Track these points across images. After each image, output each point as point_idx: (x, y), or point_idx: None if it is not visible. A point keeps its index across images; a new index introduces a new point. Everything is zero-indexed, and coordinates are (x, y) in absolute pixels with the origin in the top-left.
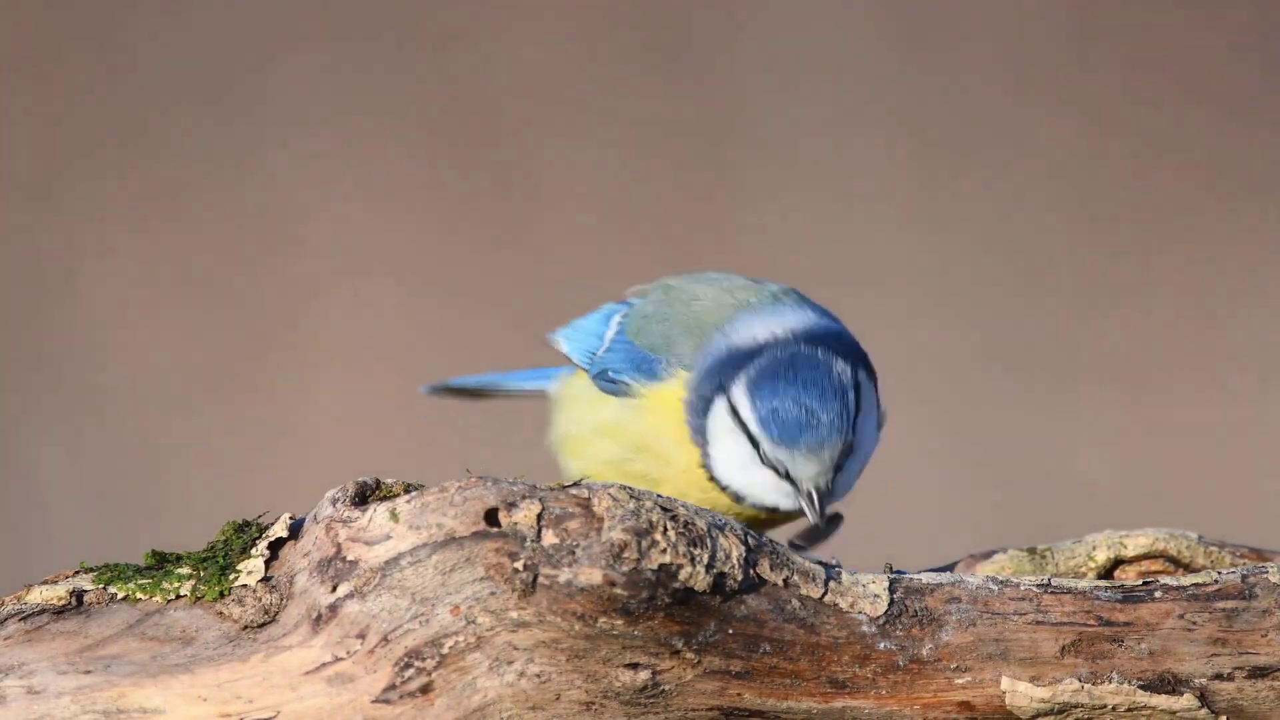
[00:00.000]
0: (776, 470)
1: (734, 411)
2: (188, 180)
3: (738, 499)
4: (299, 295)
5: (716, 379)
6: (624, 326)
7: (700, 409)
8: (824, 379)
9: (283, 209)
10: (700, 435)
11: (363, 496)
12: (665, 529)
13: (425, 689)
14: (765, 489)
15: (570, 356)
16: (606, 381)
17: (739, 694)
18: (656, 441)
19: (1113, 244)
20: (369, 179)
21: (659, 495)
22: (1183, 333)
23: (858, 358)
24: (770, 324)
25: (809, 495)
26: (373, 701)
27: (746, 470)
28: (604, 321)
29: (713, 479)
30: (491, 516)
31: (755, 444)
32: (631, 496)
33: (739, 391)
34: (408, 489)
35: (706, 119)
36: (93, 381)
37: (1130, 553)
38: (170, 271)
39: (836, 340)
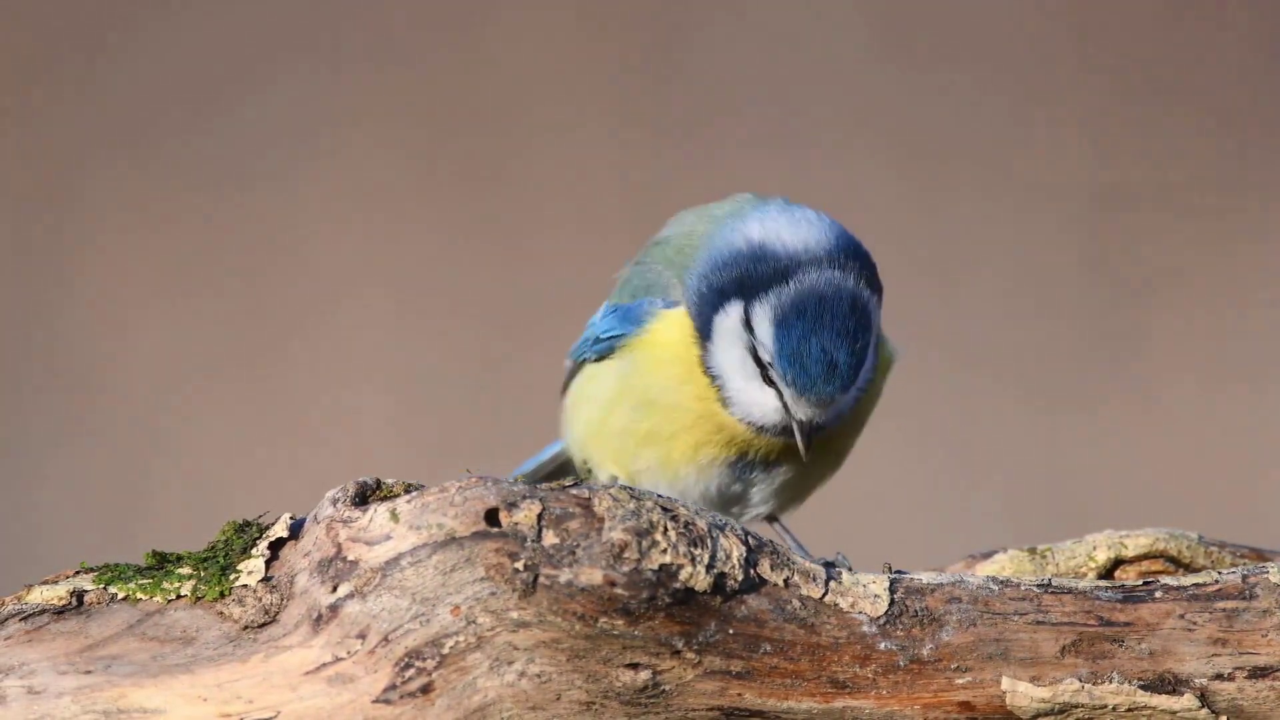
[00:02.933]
0: (778, 394)
1: (749, 326)
2: (186, 184)
3: (725, 403)
4: (298, 295)
5: (733, 277)
6: (612, 298)
7: (708, 307)
8: (848, 321)
9: (280, 211)
10: (705, 334)
11: (363, 496)
12: (666, 529)
13: (425, 689)
14: (760, 407)
15: (571, 360)
16: (601, 345)
17: (739, 694)
18: (658, 378)
19: (1112, 247)
20: (365, 180)
21: (659, 495)
22: (1182, 333)
23: (870, 272)
24: (788, 231)
25: (801, 427)
26: (373, 701)
27: (745, 381)
28: (597, 314)
29: (707, 372)
30: (492, 516)
31: (764, 368)
32: (632, 497)
33: (763, 314)
34: (408, 489)
35: (697, 121)
36: (93, 382)
37: (1130, 553)
38: (171, 274)
39: (857, 256)
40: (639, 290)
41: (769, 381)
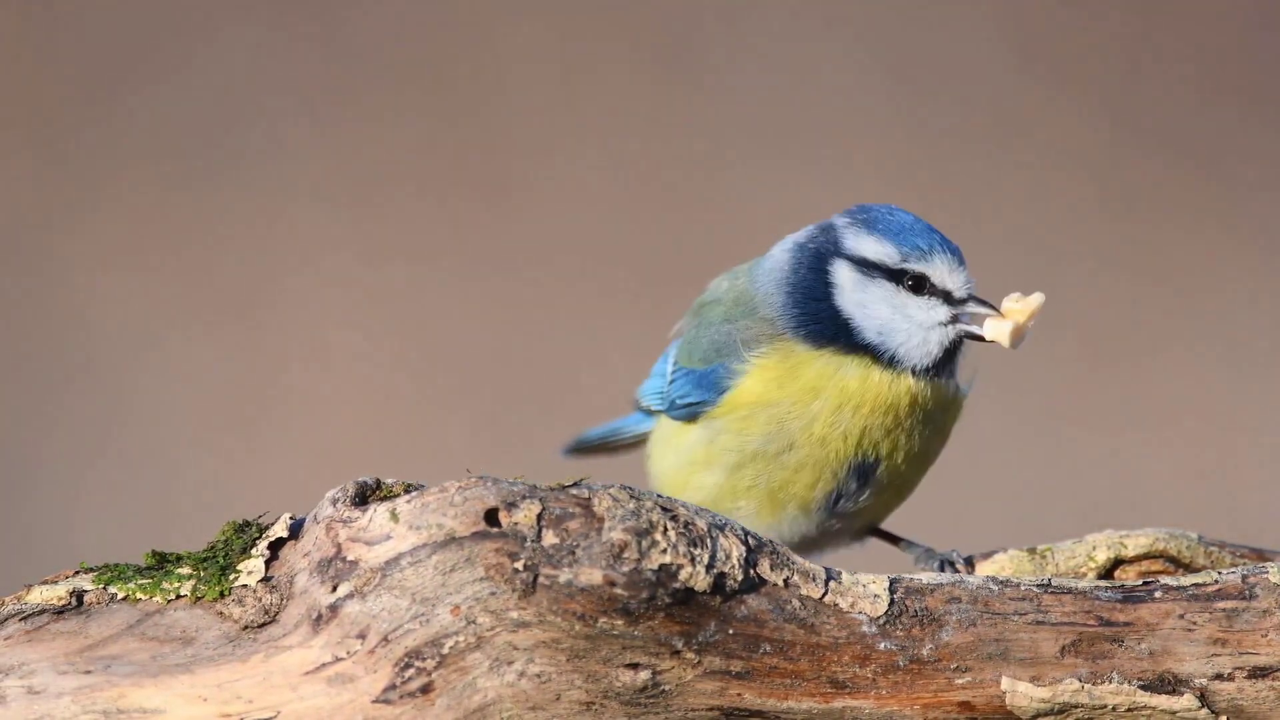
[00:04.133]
0: (927, 291)
1: (862, 262)
2: (189, 187)
3: (896, 359)
4: (300, 296)
5: (813, 263)
6: (677, 359)
7: (817, 302)
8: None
9: (284, 214)
10: (831, 329)
11: (363, 496)
12: (665, 529)
13: (425, 689)
14: (921, 326)
15: (652, 407)
16: (679, 410)
17: (739, 694)
18: (765, 424)
19: (1117, 246)
20: (369, 183)
21: (659, 495)
22: (1181, 332)
23: None
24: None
25: (972, 298)
26: (373, 701)
27: (899, 314)
28: (664, 360)
29: (867, 346)
30: (492, 516)
31: (899, 275)
32: (632, 497)
33: (854, 241)
34: (408, 489)
35: (706, 118)
36: (92, 383)
37: (1130, 553)
38: (171, 273)
39: None
40: (710, 354)
41: (914, 287)
